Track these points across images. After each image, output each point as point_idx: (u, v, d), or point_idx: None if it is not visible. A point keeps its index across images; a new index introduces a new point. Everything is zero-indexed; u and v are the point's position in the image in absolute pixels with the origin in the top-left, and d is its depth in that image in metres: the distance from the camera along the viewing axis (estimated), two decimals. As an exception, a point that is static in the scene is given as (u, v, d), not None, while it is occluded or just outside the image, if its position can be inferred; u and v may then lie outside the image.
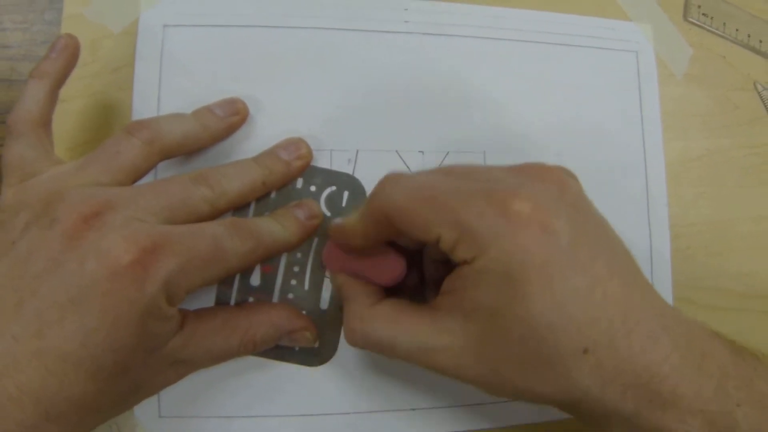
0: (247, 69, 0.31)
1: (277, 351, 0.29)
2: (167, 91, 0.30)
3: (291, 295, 0.29)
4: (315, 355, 0.29)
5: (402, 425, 0.30)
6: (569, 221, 0.22)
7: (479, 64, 0.33)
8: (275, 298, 0.29)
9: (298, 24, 0.32)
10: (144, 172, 0.26)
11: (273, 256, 0.28)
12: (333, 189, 0.30)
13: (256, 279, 0.29)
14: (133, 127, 0.26)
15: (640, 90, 0.34)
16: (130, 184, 0.25)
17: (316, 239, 0.29)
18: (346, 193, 0.30)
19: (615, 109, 0.34)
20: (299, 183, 0.30)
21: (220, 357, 0.26)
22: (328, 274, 0.29)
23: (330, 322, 0.29)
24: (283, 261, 0.29)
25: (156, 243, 0.22)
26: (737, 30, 0.36)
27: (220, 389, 0.29)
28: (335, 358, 0.29)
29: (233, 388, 0.29)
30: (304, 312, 0.29)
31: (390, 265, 0.27)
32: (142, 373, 0.23)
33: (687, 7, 0.36)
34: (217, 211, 0.26)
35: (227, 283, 0.29)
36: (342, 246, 0.27)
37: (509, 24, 0.33)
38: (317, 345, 0.29)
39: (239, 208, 0.28)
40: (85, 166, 0.25)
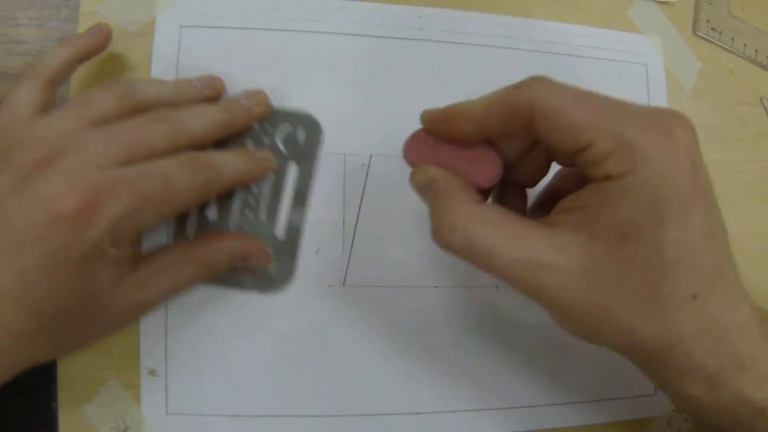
0: (262, 72, 0.31)
1: (234, 279, 0.29)
2: (183, 92, 0.30)
3: (247, 227, 0.29)
4: (271, 283, 0.29)
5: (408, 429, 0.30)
6: (703, 165, 0.22)
7: (491, 72, 0.33)
8: (231, 229, 0.29)
9: (313, 28, 0.32)
10: None
11: (229, 188, 0.28)
12: (288, 127, 0.30)
13: (212, 212, 0.29)
14: (111, 83, 0.26)
15: (648, 102, 0.34)
16: None
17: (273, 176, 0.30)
18: (301, 131, 0.30)
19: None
20: (256, 122, 0.30)
21: (177, 291, 0.26)
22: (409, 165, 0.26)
23: (286, 250, 0.30)
24: (240, 193, 0.29)
25: (100, 189, 0.22)
26: (745, 45, 0.36)
27: (228, 387, 0.29)
28: (291, 285, 0.30)
29: (242, 386, 0.29)
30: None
31: (488, 163, 0.24)
32: (92, 315, 0.23)
33: (696, 22, 0.36)
34: (177, 148, 0.25)
35: (183, 217, 0.29)
36: (437, 133, 0.25)
37: (520, 34, 0.34)
38: (273, 268, 0.29)
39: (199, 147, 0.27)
40: (56, 115, 0.25)
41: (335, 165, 0.31)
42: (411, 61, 0.32)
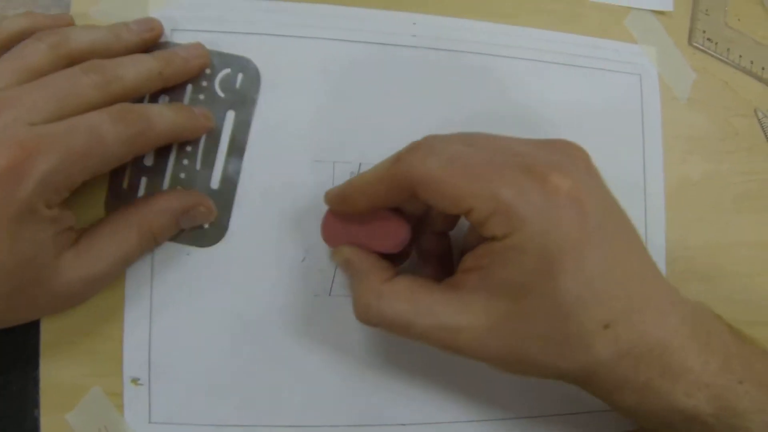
0: (252, 76, 0.31)
1: None
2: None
3: (183, 175, 0.29)
4: (205, 236, 0.29)
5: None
6: (598, 199, 0.23)
7: (483, 80, 0.33)
8: (167, 177, 0.29)
9: (304, 34, 0.31)
10: None
11: (164, 142, 0.27)
12: (227, 71, 0.30)
13: (149, 159, 0.29)
14: (42, 33, 0.26)
15: (642, 113, 0.34)
16: None
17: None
18: (240, 76, 0.30)
19: (617, 132, 0.34)
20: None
21: (124, 259, 0.26)
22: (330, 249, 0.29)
23: (220, 201, 0.29)
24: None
25: (26, 147, 0.22)
26: (740, 56, 0.36)
27: (212, 396, 0.28)
28: (226, 237, 0.29)
29: (226, 395, 0.29)
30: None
31: (394, 230, 0.26)
32: (36, 285, 0.23)
33: (692, 32, 0.36)
34: (112, 98, 0.25)
35: (120, 165, 0.28)
36: (340, 212, 0.27)
37: (514, 41, 0.33)
38: (213, 219, 0.29)
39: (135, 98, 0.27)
40: None
41: (324, 172, 0.30)
42: (403, 69, 0.32)
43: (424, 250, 0.29)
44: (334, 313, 0.30)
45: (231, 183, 0.30)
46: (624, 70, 0.34)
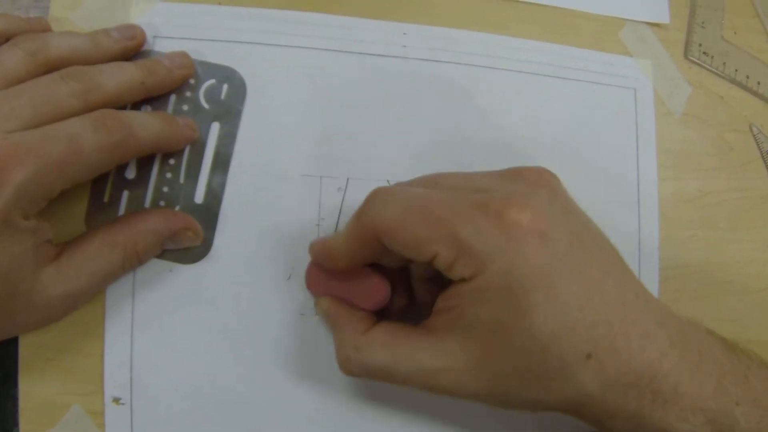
0: (238, 87, 0.30)
1: None
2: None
3: (166, 188, 0.28)
4: (188, 252, 0.28)
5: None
6: (564, 226, 0.22)
7: (474, 93, 0.32)
8: (149, 191, 0.28)
9: (291, 43, 0.31)
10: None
11: (146, 151, 0.26)
12: (212, 82, 0.29)
13: (131, 172, 0.28)
14: (19, 39, 0.25)
15: (636, 128, 0.34)
16: None
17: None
18: (225, 86, 0.29)
19: (610, 147, 0.33)
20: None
21: (106, 279, 0.25)
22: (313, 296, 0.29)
23: (204, 216, 0.28)
24: (159, 153, 0.28)
25: (1, 156, 0.21)
26: (736, 70, 0.36)
27: (194, 416, 0.28)
28: (210, 254, 0.29)
29: (210, 415, 0.28)
30: (178, 207, 0.28)
31: (374, 289, 0.26)
32: (14, 299, 0.23)
33: (688, 45, 0.35)
34: (91, 107, 0.24)
35: (101, 177, 0.27)
36: (323, 266, 0.27)
37: (507, 53, 0.33)
38: (200, 242, 0.28)
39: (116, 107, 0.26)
40: None
41: (310, 187, 0.30)
42: (393, 80, 0.31)
43: (419, 301, 0.28)
44: (319, 334, 0.29)
45: (215, 197, 0.29)
46: (618, 83, 0.34)
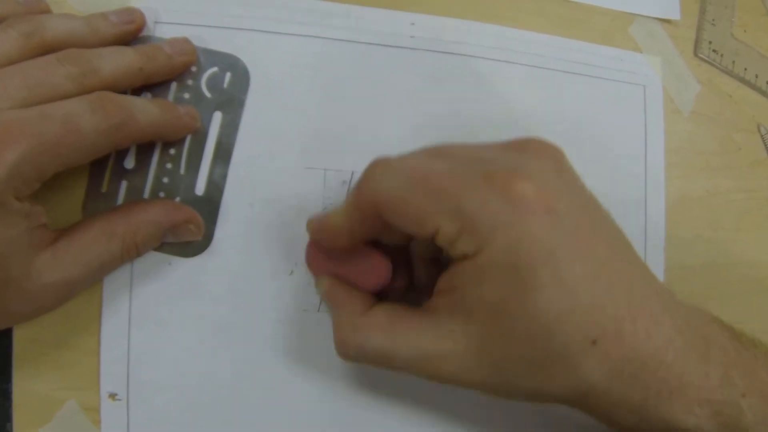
0: (241, 75, 0.29)
1: None
2: (155, 95, 0.28)
3: (166, 179, 0.28)
4: (188, 246, 0.28)
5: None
6: (570, 201, 0.21)
7: (483, 86, 0.32)
8: (149, 181, 0.27)
9: (296, 31, 0.30)
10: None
11: (145, 138, 0.26)
12: (215, 70, 0.28)
13: (130, 162, 0.27)
14: (14, 20, 0.24)
15: (645, 125, 0.33)
16: None
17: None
18: (228, 75, 0.29)
19: (618, 144, 0.33)
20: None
21: (103, 268, 0.25)
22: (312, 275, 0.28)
23: (205, 208, 0.28)
24: (159, 143, 0.28)
25: None
26: (746, 69, 0.35)
27: (192, 412, 0.27)
28: (210, 247, 0.28)
29: (209, 412, 0.27)
30: (178, 198, 0.28)
31: (374, 269, 0.25)
32: (6, 286, 0.22)
33: (698, 42, 0.35)
34: (86, 92, 0.23)
35: (99, 165, 0.27)
36: (322, 244, 0.26)
37: (516, 46, 0.32)
38: (200, 238, 0.27)
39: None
40: None
41: (315, 180, 0.29)
42: (400, 71, 0.31)
43: (416, 276, 0.28)
44: (322, 330, 0.28)
45: (217, 189, 0.28)
46: (628, 80, 0.33)
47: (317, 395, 0.28)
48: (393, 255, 0.26)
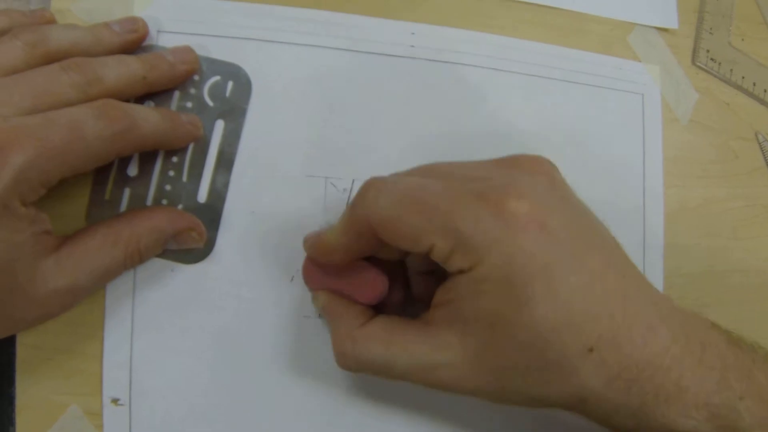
0: (243, 84, 0.29)
1: None
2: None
3: (169, 187, 0.28)
4: (190, 252, 0.28)
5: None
6: (563, 216, 0.21)
7: (482, 95, 0.32)
8: (152, 189, 0.28)
9: (298, 41, 0.30)
10: None
11: (148, 146, 0.26)
12: (217, 79, 0.29)
13: (133, 169, 0.28)
14: (19, 30, 0.25)
15: (644, 134, 0.33)
16: None
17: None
18: (230, 84, 0.29)
19: (617, 152, 0.33)
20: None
21: (106, 275, 0.25)
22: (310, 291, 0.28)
23: (207, 216, 0.28)
24: (162, 151, 0.28)
25: (1, 139, 0.20)
26: (743, 77, 0.35)
27: (194, 418, 0.28)
28: (212, 254, 0.28)
29: (211, 417, 0.28)
30: (180, 206, 0.28)
31: (371, 283, 0.26)
32: (11, 291, 0.22)
33: (696, 51, 0.35)
34: (90, 100, 0.24)
35: (103, 173, 0.27)
36: (318, 261, 0.26)
37: (515, 55, 0.33)
38: (203, 244, 0.28)
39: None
40: None
41: (316, 188, 0.29)
42: (401, 80, 0.31)
43: (417, 295, 0.28)
44: (323, 336, 0.29)
45: (219, 197, 0.28)
46: (627, 88, 0.34)
47: (318, 401, 0.29)
48: (390, 269, 0.26)
